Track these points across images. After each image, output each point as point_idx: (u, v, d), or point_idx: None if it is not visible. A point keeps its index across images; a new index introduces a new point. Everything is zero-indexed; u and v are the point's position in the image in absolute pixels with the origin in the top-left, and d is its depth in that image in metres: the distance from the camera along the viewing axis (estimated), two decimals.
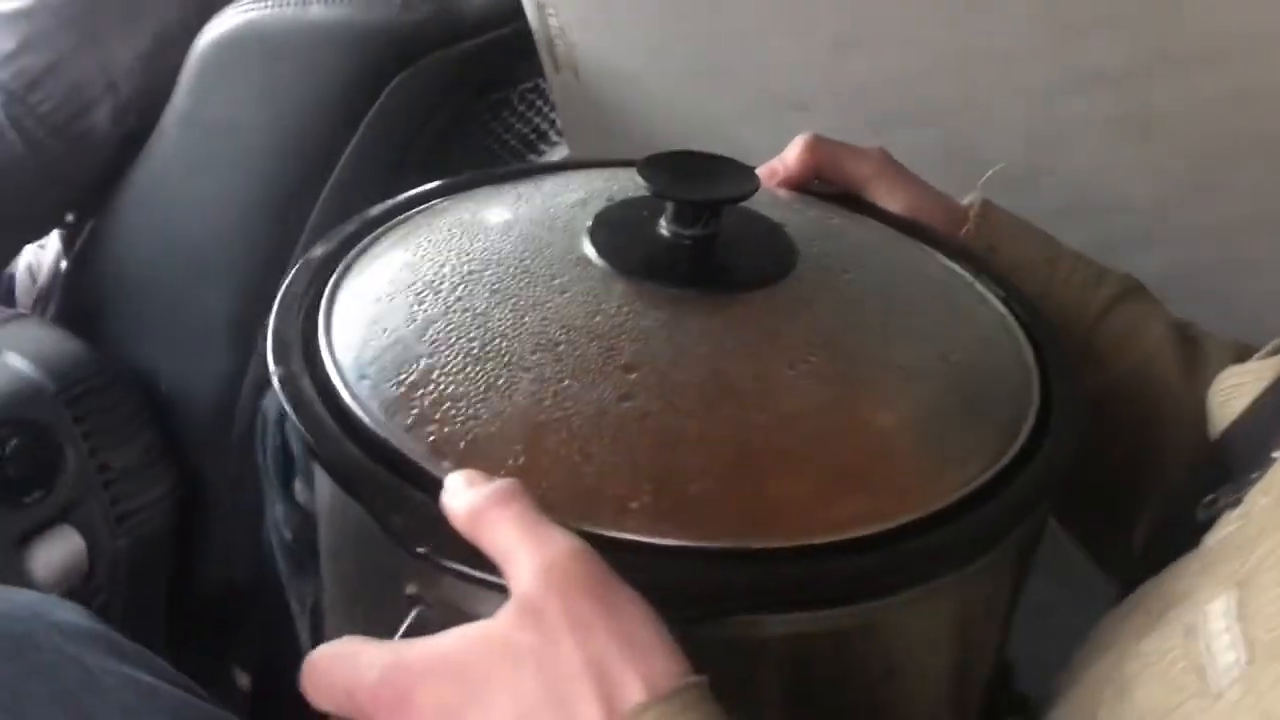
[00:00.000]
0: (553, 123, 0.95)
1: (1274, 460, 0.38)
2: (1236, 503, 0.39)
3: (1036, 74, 0.61)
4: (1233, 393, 0.47)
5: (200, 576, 0.91)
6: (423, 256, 0.46)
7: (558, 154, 0.97)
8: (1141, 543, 0.50)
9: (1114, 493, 0.55)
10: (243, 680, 0.92)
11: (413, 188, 0.53)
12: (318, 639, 0.43)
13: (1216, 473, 0.43)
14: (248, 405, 0.85)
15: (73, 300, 0.94)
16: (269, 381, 0.41)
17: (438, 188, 0.53)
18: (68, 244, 0.97)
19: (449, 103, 0.85)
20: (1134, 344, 0.54)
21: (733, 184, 0.44)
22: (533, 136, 0.94)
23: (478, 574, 0.34)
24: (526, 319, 0.41)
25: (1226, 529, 0.38)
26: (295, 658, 0.46)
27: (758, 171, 0.55)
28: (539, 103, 0.93)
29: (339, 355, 0.42)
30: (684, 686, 0.30)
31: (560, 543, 0.32)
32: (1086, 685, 0.39)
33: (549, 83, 0.85)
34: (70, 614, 0.54)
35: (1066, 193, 0.64)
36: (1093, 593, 0.52)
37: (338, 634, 0.35)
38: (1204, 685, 0.32)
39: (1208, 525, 0.40)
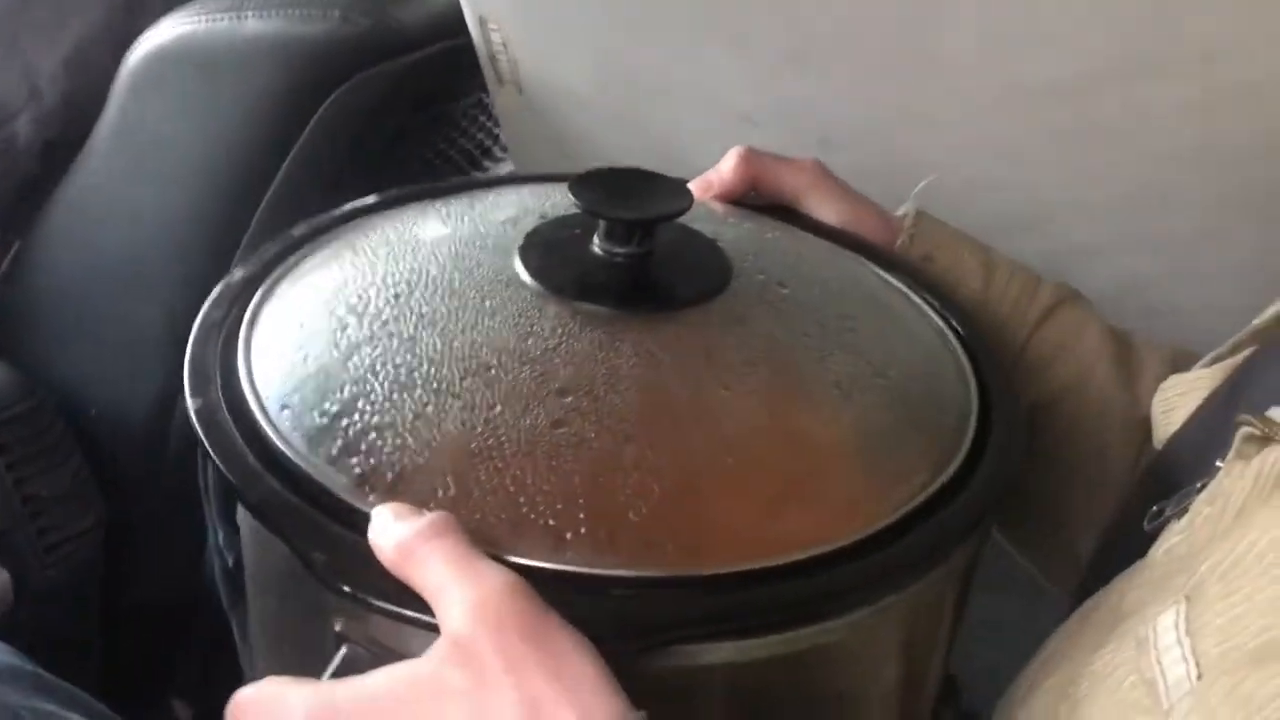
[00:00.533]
0: (497, 138, 0.94)
1: (1218, 469, 0.38)
2: (1182, 513, 0.39)
3: (984, 86, 0.61)
4: (1176, 402, 0.48)
5: (135, 606, 0.88)
6: (347, 278, 0.44)
7: (503, 170, 0.96)
8: (1088, 553, 0.50)
9: (1057, 502, 0.55)
10: (183, 713, 0.89)
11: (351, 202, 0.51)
12: (261, 662, 0.42)
13: (1162, 483, 0.43)
14: (181, 428, 0.82)
15: None
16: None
17: (364, 206, 0.51)
18: None
19: (390, 118, 0.83)
20: (1071, 352, 0.54)
21: (666, 201, 0.43)
22: (477, 153, 0.93)
23: (407, 613, 0.33)
24: (456, 343, 0.40)
25: (1172, 539, 0.38)
26: (238, 688, 0.44)
27: (692, 184, 0.54)
28: (483, 118, 0.92)
29: (259, 384, 0.40)
30: None
31: (492, 578, 0.31)
32: (1038, 701, 0.39)
33: (492, 98, 0.84)
34: None
35: (1016, 205, 0.65)
36: (1041, 606, 0.52)
37: (265, 673, 0.34)
38: (1155, 701, 0.31)
39: (1154, 536, 0.40)
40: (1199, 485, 0.39)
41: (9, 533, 0.77)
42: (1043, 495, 0.55)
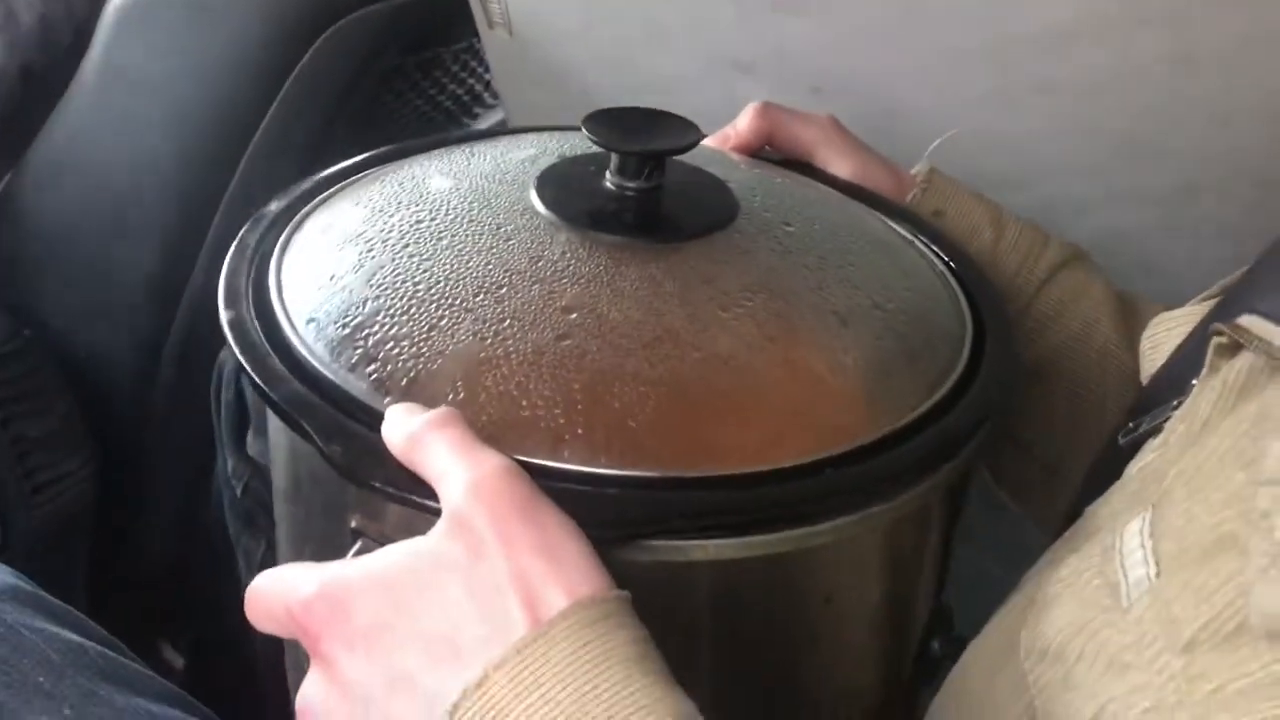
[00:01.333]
0: (488, 84, 0.93)
1: (1193, 387, 0.39)
2: (1157, 430, 0.40)
3: (973, 36, 0.61)
4: (1163, 338, 0.49)
5: (123, 552, 0.88)
6: (374, 210, 0.47)
7: (494, 117, 0.94)
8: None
9: (1058, 454, 0.56)
10: (176, 660, 0.90)
11: (343, 148, 0.53)
12: None
13: (1143, 411, 0.45)
14: (170, 369, 0.83)
15: None
16: (216, 336, 0.42)
17: (393, 150, 0.54)
18: None
19: (377, 62, 0.83)
20: (1076, 309, 0.55)
21: (675, 137, 0.45)
22: (467, 98, 0.92)
23: (416, 499, 0.35)
24: (471, 264, 0.42)
25: (1147, 457, 0.39)
26: (233, 635, 0.45)
27: (710, 139, 0.56)
28: (473, 64, 0.91)
29: (288, 301, 0.43)
30: (605, 598, 0.31)
31: (490, 461, 0.33)
32: (1010, 610, 0.40)
33: (482, 41, 0.83)
34: None
35: (1004, 158, 0.65)
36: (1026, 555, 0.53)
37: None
38: (1115, 600, 0.33)
39: (1130, 454, 0.41)
40: (1175, 403, 0.40)
41: None
42: (1043, 447, 0.57)
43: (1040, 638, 0.35)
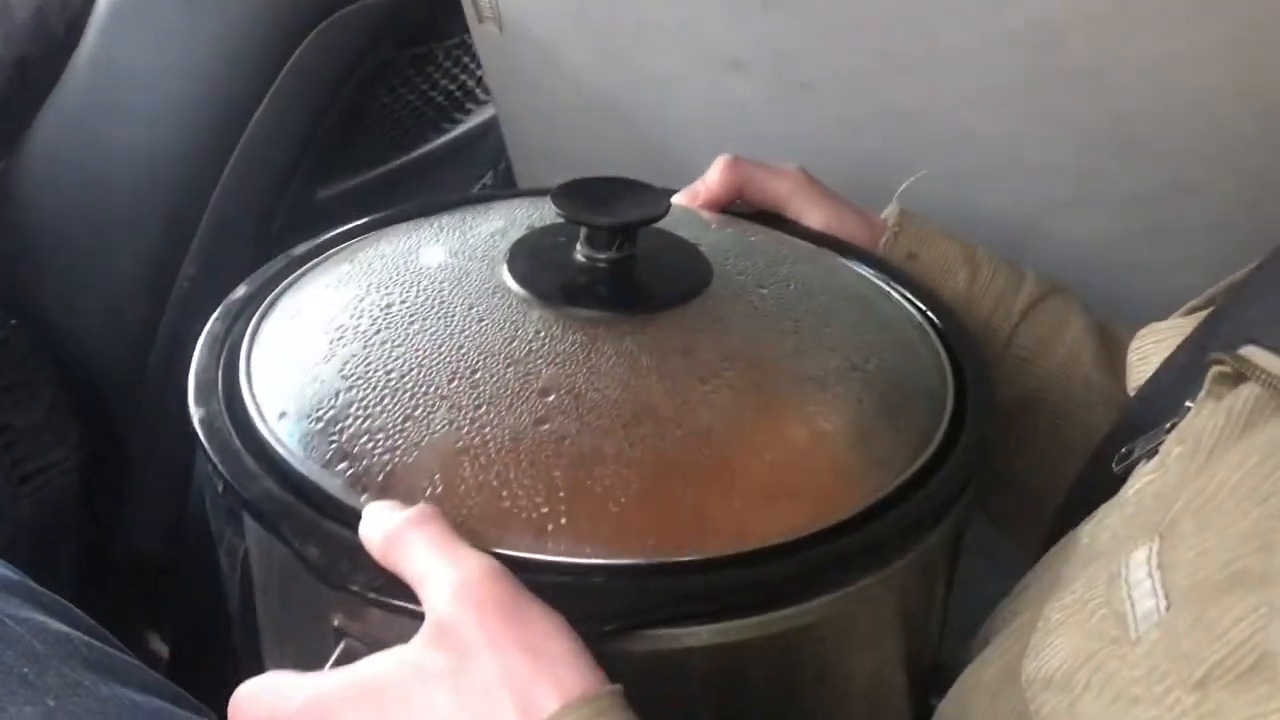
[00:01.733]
0: (480, 80, 0.92)
1: (1188, 409, 0.38)
2: (1152, 453, 0.40)
3: (966, 34, 0.61)
4: (1150, 350, 0.49)
5: (111, 542, 0.87)
6: (343, 292, 0.46)
7: (485, 113, 0.94)
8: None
9: (1044, 488, 0.56)
10: (163, 651, 0.89)
11: (335, 143, 0.52)
12: (246, 598, 0.43)
13: (1132, 427, 0.44)
14: (160, 360, 0.82)
15: None
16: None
17: (361, 225, 0.53)
18: None
19: (370, 56, 0.82)
20: (1056, 343, 0.55)
21: (644, 207, 0.45)
22: (459, 94, 0.92)
23: (397, 602, 0.34)
24: (443, 348, 0.42)
25: (1144, 479, 0.39)
26: (218, 626, 0.45)
27: (680, 195, 0.56)
28: (465, 59, 0.91)
29: (259, 394, 0.42)
30: (598, 694, 0.30)
31: (472, 562, 0.32)
32: (1008, 635, 0.39)
33: (473, 36, 0.82)
34: None
35: (989, 156, 0.64)
36: (1018, 562, 0.52)
37: (272, 668, 0.36)
38: (1123, 631, 0.32)
39: (1123, 478, 0.41)
40: (1168, 425, 0.40)
41: None
42: (1032, 483, 0.56)
43: (1044, 666, 0.35)
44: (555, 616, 0.32)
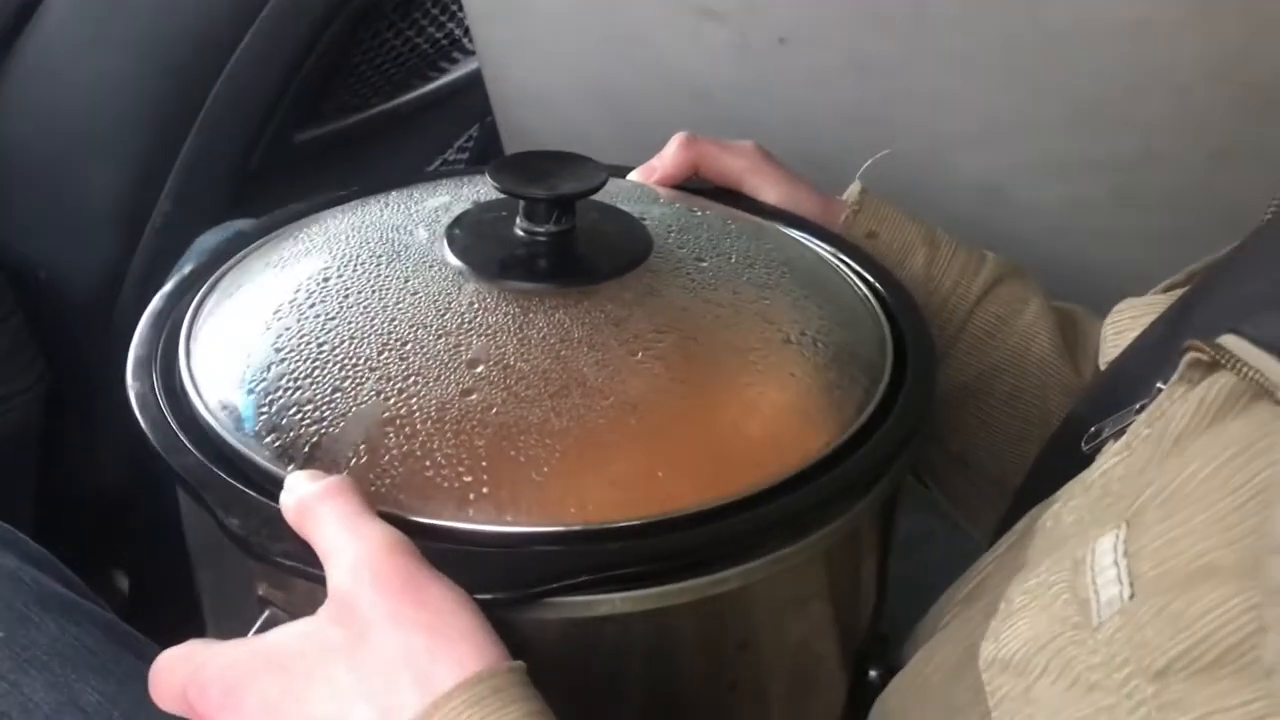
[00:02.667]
0: (467, 30, 0.92)
1: (1159, 391, 0.38)
2: (1120, 434, 0.39)
3: None
4: (1127, 325, 0.48)
5: (72, 476, 0.87)
6: (285, 270, 0.47)
7: (472, 64, 0.93)
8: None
9: (998, 469, 0.56)
10: (121, 583, 0.89)
11: (315, 85, 0.51)
12: (193, 545, 0.43)
13: (1101, 404, 0.44)
14: (131, 295, 0.82)
15: None
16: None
17: (313, 204, 0.53)
18: None
19: None
20: (1014, 324, 0.55)
21: (581, 180, 0.45)
22: (445, 43, 0.92)
23: (312, 571, 0.34)
24: (376, 321, 0.42)
25: (1110, 461, 0.38)
26: (176, 560, 0.45)
27: (636, 172, 0.56)
28: (452, 7, 0.91)
29: (195, 370, 0.43)
30: (495, 671, 0.30)
31: (372, 537, 0.33)
32: (968, 622, 0.39)
33: None
34: None
35: (966, 118, 0.64)
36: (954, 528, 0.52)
37: (210, 637, 0.36)
38: (1085, 618, 0.32)
39: (1091, 458, 0.40)
40: (1138, 406, 0.39)
41: None
42: (987, 464, 0.56)
43: (1002, 649, 0.35)
44: (457, 591, 0.32)
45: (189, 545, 0.43)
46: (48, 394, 0.82)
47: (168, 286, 0.48)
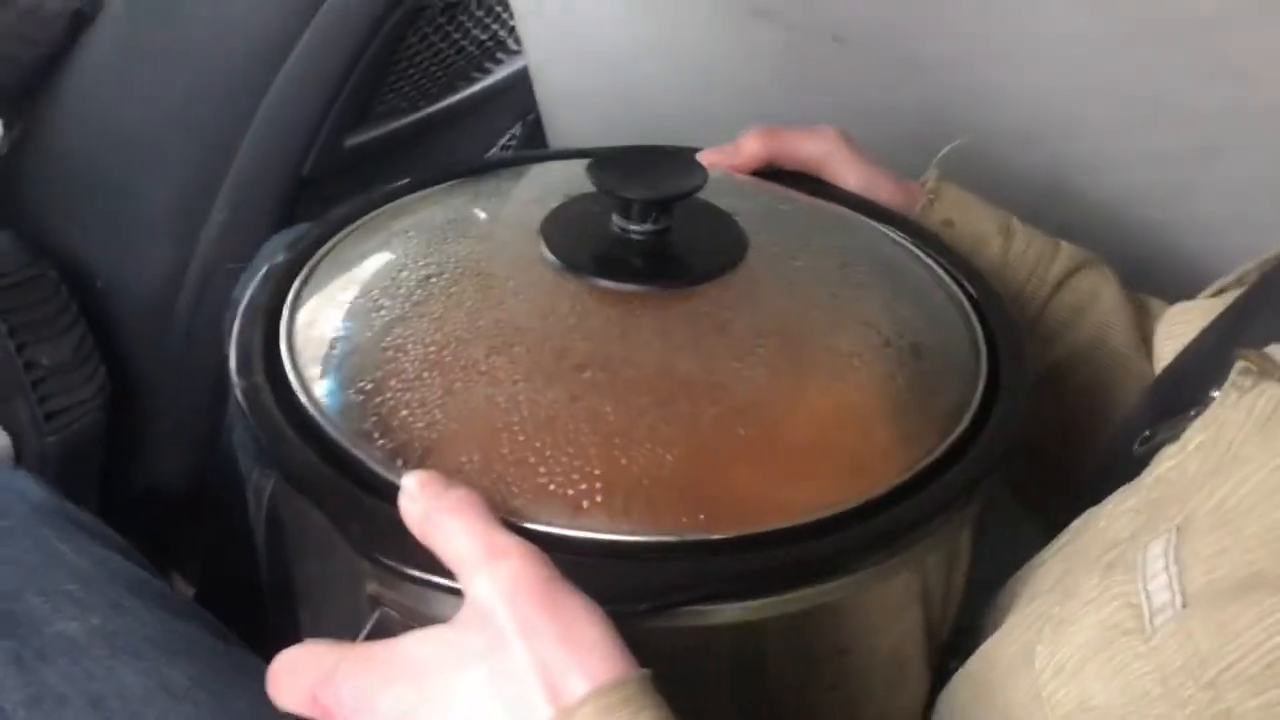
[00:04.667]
0: (511, 30, 0.92)
1: (1212, 398, 0.38)
2: (1174, 439, 0.40)
3: None
4: (1179, 330, 0.48)
5: (133, 483, 0.88)
6: (382, 261, 0.47)
7: (514, 64, 0.94)
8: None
9: (1073, 460, 0.56)
10: (187, 592, 0.90)
11: (365, 90, 0.51)
12: (273, 537, 0.44)
13: (1156, 408, 0.44)
14: (188, 304, 0.83)
15: (4, 189, 0.87)
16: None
17: (398, 188, 0.53)
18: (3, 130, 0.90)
19: (404, 2, 0.81)
20: (1088, 315, 0.55)
21: (680, 179, 0.45)
22: (490, 44, 0.92)
23: (435, 579, 0.35)
24: (481, 322, 0.42)
25: (1164, 465, 0.39)
26: (242, 564, 0.46)
27: (708, 153, 0.55)
28: (498, 8, 0.91)
29: (300, 365, 0.43)
30: (625, 680, 0.31)
31: (509, 549, 0.33)
32: (1025, 620, 0.40)
33: None
34: (29, 483, 0.56)
35: (1019, 114, 0.64)
36: (1020, 517, 0.52)
37: (306, 635, 0.37)
38: (1138, 624, 0.33)
39: (1145, 461, 0.41)
40: (1193, 412, 0.40)
41: (9, 399, 0.77)
42: (1056, 455, 0.57)
43: (1056, 653, 0.35)
44: (589, 603, 0.33)
45: (284, 537, 0.44)
46: (109, 402, 0.83)
47: (259, 278, 0.48)
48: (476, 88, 0.94)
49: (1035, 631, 0.38)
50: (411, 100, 0.89)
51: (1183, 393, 0.44)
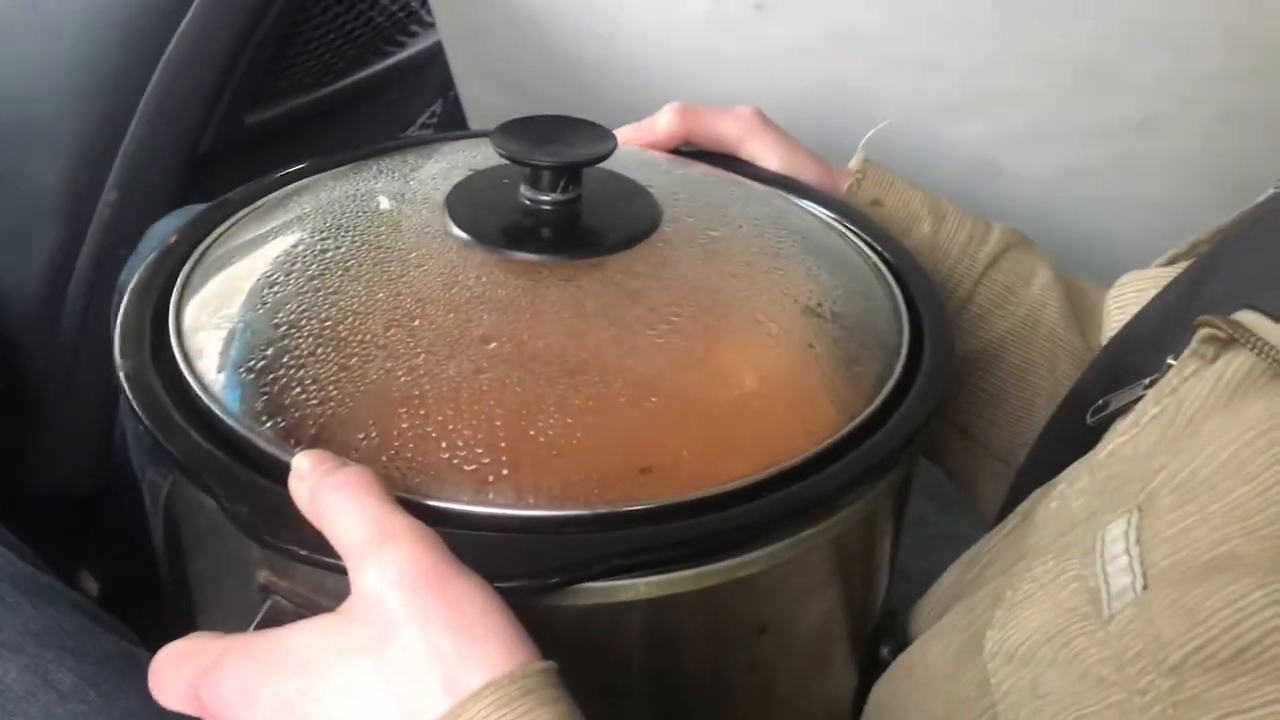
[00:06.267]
0: (424, 1, 0.89)
1: (1169, 366, 0.37)
2: (1127, 411, 0.38)
3: None
4: (1131, 299, 0.47)
5: (31, 477, 0.84)
6: (276, 240, 0.44)
7: (432, 38, 0.90)
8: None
9: (1005, 443, 0.55)
10: (89, 584, 0.87)
11: (264, 64, 0.48)
12: (170, 535, 0.42)
13: (1108, 377, 0.43)
14: (80, 290, 0.79)
15: None
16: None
17: (297, 170, 0.51)
18: None
19: None
20: (1021, 295, 0.54)
21: (589, 146, 0.43)
22: (401, 15, 0.88)
23: (328, 560, 0.33)
24: (380, 295, 0.40)
25: (1118, 439, 0.37)
26: (145, 560, 0.44)
27: (624, 130, 0.54)
28: None
29: (189, 346, 0.41)
30: (526, 671, 0.29)
31: (400, 533, 0.31)
32: (973, 604, 0.38)
33: None
34: None
35: (952, 88, 0.62)
36: (965, 504, 0.51)
37: (199, 629, 0.34)
38: (1095, 608, 0.31)
39: (1098, 433, 0.39)
40: (1147, 381, 0.38)
41: None
42: (994, 438, 0.56)
43: (1008, 639, 0.34)
44: (486, 590, 0.31)
45: (180, 533, 0.41)
46: (3, 394, 0.79)
47: (151, 258, 0.46)
48: (389, 63, 0.90)
49: (984, 617, 0.36)
50: (316, 75, 0.85)
51: (1136, 360, 0.42)
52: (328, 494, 0.32)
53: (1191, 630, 0.28)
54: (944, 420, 0.55)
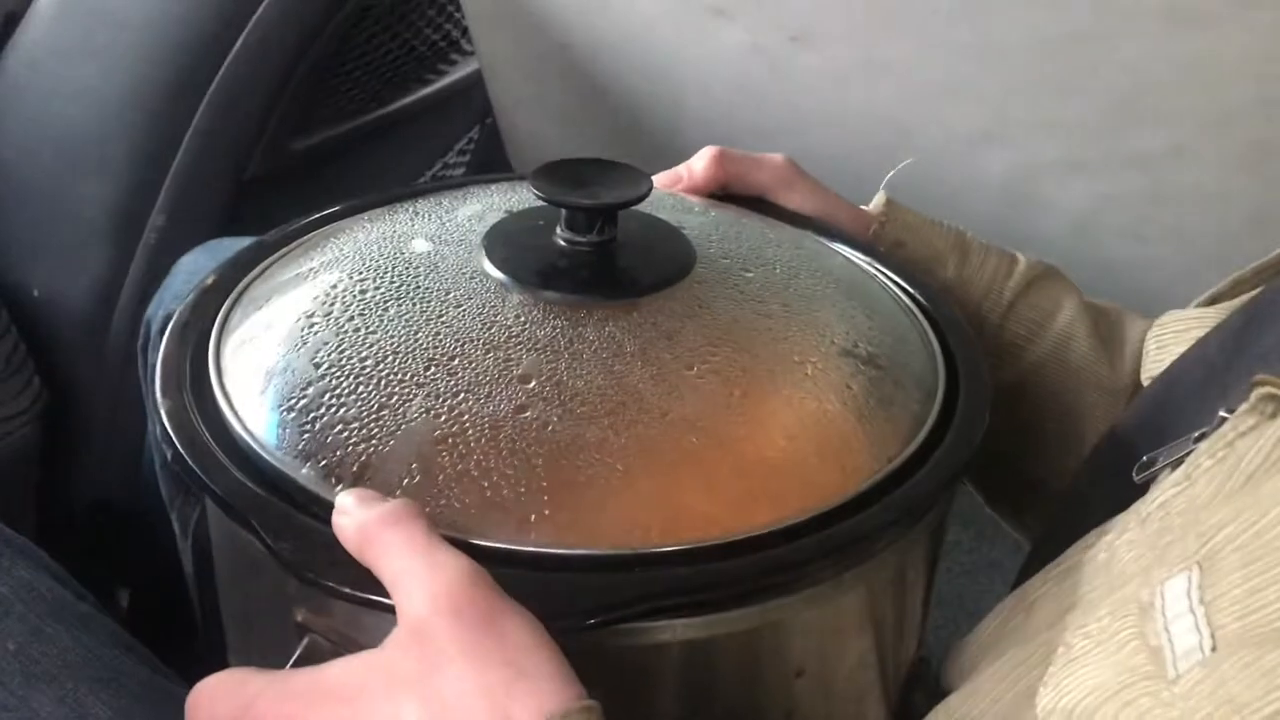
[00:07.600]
0: (465, 30, 0.90)
1: (1221, 419, 0.36)
2: (1178, 464, 0.38)
3: None
4: (1171, 340, 0.47)
5: (73, 495, 0.85)
6: (315, 280, 0.45)
7: (471, 66, 0.91)
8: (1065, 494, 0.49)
9: (1043, 471, 0.55)
10: (122, 599, 0.88)
11: (311, 91, 0.49)
12: (201, 565, 0.42)
13: (1152, 425, 0.42)
14: (126, 312, 0.80)
15: None
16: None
17: (334, 211, 0.52)
18: None
19: (349, 1, 0.80)
20: (1048, 327, 0.54)
21: (625, 188, 0.44)
22: (443, 44, 0.89)
23: (370, 597, 0.33)
24: (420, 335, 0.40)
25: (1168, 492, 0.36)
26: (176, 577, 0.43)
27: (661, 176, 0.55)
28: (449, 7, 0.88)
29: (229, 384, 0.41)
30: (574, 709, 0.29)
31: (450, 566, 0.31)
32: (1023, 656, 0.38)
33: None
34: None
35: (982, 116, 0.63)
36: (996, 532, 0.50)
37: (233, 663, 0.34)
38: (1159, 668, 0.30)
39: (1143, 487, 0.39)
40: (1196, 435, 0.38)
41: None
42: (1027, 467, 0.56)
43: (1064, 697, 0.33)
44: (534, 625, 0.31)
45: (211, 564, 0.41)
46: (44, 414, 0.80)
47: (190, 298, 0.46)
48: (429, 90, 0.92)
49: (1035, 672, 0.36)
50: (361, 102, 0.87)
51: (1180, 410, 0.42)
52: (374, 527, 0.32)
53: (1269, 694, 0.27)
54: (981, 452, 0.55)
